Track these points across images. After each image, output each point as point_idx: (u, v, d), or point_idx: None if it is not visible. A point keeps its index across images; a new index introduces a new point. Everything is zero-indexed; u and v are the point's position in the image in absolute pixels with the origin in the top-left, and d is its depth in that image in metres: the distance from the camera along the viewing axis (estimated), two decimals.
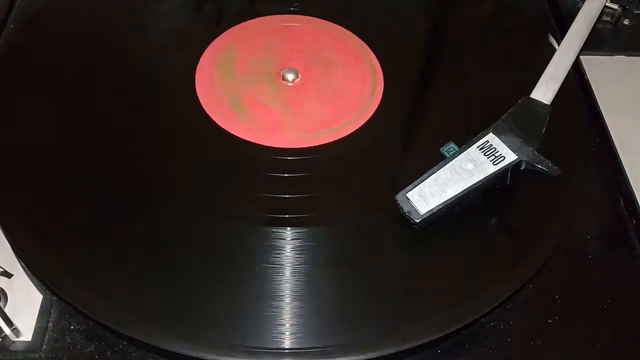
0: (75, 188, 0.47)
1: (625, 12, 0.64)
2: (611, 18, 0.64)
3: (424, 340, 0.41)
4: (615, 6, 0.63)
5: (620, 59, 0.61)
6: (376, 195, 0.47)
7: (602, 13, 0.62)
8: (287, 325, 0.41)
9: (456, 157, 0.46)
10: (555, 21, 0.64)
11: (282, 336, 0.41)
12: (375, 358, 0.40)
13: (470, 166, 0.46)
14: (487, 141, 0.47)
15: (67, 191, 0.47)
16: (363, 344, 0.41)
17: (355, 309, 0.42)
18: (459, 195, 0.45)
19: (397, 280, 0.44)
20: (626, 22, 0.64)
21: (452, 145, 0.48)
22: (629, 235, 0.50)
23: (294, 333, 0.41)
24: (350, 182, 0.49)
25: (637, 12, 0.64)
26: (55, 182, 0.47)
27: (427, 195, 0.45)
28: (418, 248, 0.45)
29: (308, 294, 0.42)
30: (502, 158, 0.46)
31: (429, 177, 0.46)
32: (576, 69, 0.58)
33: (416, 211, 0.44)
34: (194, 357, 0.40)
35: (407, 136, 0.53)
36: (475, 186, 0.45)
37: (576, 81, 0.57)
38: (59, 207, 0.46)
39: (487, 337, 0.44)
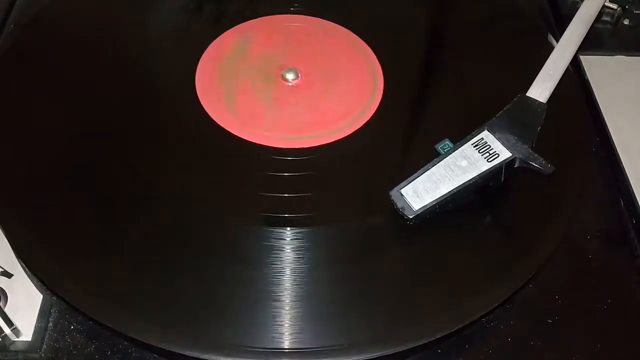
0: (75, 188, 0.47)
1: (625, 12, 0.64)
2: (611, 18, 0.64)
3: (424, 340, 0.41)
4: (615, 6, 0.63)
5: (620, 59, 0.61)
6: (376, 196, 0.47)
7: (602, 13, 0.62)
8: (287, 325, 0.41)
9: (450, 154, 0.46)
10: (555, 21, 0.64)
11: (282, 336, 0.41)
12: (375, 358, 0.41)
13: (464, 163, 0.46)
14: (482, 138, 0.47)
15: (67, 191, 0.47)
16: (363, 344, 0.41)
17: (355, 309, 0.42)
18: (453, 192, 0.45)
19: (397, 281, 0.44)
20: (626, 22, 0.64)
21: (447, 142, 0.48)
22: (629, 235, 0.50)
23: (294, 333, 0.41)
24: (350, 182, 0.49)
25: (637, 12, 0.64)
26: (55, 182, 0.47)
27: (421, 192, 0.45)
28: (418, 248, 0.45)
29: (308, 294, 0.42)
30: (497, 155, 0.46)
31: (423, 173, 0.46)
32: (576, 69, 0.58)
33: (410, 207, 0.45)
34: (194, 357, 0.40)
35: (407, 136, 0.53)
36: (469, 183, 0.45)
37: (576, 81, 0.57)
38: (59, 207, 0.46)
39: (487, 337, 0.44)
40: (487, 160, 0.46)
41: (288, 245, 0.44)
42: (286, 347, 0.40)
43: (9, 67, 0.54)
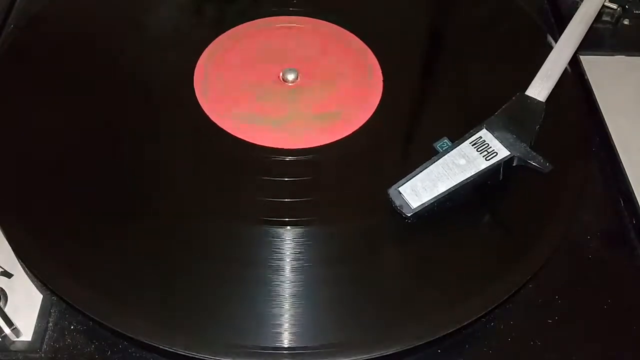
0: (75, 188, 0.47)
1: (625, 12, 0.64)
2: (611, 18, 0.64)
3: (424, 340, 0.41)
4: (615, 6, 0.63)
5: (620, 59, 0.61)
6: (376, 196, 0.47)
7: (602, 13, 0.62)
8: (287, 325, 0.41)
9: (449, 152, 0.47)
10: (555, 21, 0.64)
11: (282, 336, 0.41)
12: (375, 358, 0.41)
13: (462, 161, 0.46)
14: (480, 137, 0.47)
15: (67, 191, 0.47)
16: (363, 344, 0.41)
17: (355, 308, 0.42)
18: (451, 190, 0.45)
19: (397, 280, 0.44)
20: (626, 22, 0.64)
21: (445, 140, 0.49)
22: (629, 235, 0.50)
23: (294, 333, 0.41)
24: (350, 182, 0.49)
25: (637, 12, 0.64)
26: (55, 182, 0.47)
27: (419, 190, 0.45)
28: (418, 248, 0.45)
29: (307, 293, 0.42)
30: (495, 154, 0.46)
31: (421, 171, 0.46)
32: (576, 69, 0.58)
33: (408, 205, 0.45)
34: (194, 357, 0.40)
35: (407, 136, 0.53)
36: (467, 181, 0.45)
37: (576, 81, 0.57)
38: (59, 207, 0.46)
39: (487, 337, 0.44)
40: (485, 159, 0.46)
41: (287, 245, 0.44)
42: (286, 346, 0.40)
43: (9, 67, 0.54)
